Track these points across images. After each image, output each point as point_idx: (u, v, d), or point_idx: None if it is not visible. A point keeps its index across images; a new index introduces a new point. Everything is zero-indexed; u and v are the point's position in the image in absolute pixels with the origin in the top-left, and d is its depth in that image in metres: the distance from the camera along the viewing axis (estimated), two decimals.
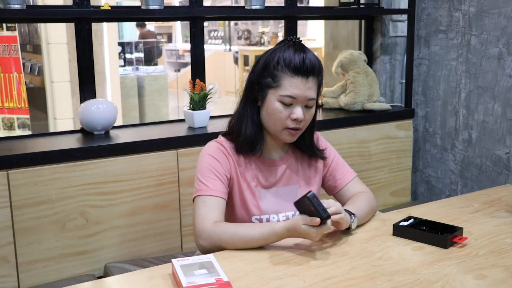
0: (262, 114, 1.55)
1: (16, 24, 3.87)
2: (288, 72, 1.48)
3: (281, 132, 1.53)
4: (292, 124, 1.51)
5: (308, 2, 6.78)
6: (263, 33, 9.95)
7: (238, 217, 1.59)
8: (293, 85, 1.48)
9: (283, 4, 2.76)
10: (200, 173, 1.54)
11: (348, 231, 1.52)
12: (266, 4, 2.51)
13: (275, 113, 1.50)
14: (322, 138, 1.74)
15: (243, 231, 1.42)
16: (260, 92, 1.53)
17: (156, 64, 7.18)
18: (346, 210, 1.50)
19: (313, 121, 1.60)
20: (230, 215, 1.60)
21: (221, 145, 1.58)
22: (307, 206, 1.34)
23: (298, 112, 1.49)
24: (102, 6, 2.27)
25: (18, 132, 3.85)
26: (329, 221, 1.36)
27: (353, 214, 1.52)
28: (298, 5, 2.79)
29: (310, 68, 1.48)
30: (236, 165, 1.57)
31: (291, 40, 1.53)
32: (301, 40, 1.54)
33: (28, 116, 3.92)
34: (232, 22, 9.81)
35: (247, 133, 1.55)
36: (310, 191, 1.33)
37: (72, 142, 2.11)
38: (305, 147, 1.64)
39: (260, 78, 1.52)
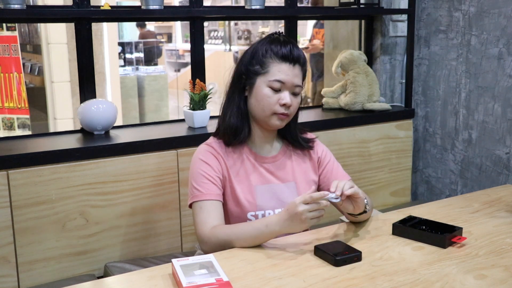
0: (250, 102, 1.60)
1: (16, 24, 3.87)
2: (276, 59, 1.55)
3: (270, 117, 1.57)
4: (281, 110, 1.56)
5: (308, 2, 6.77)
6: (263, 33, 9.93)
7: (234, 214, 1.61)
8: (281, 71, 1.55)
9: (283, 4, 2.76)
10: (193, 178, 1.58)
11: (361, 215, 1.55)
12: (266, 4, 2.51)
13: (264, 98, 1.56)
14: (319, 142, 1.77)
15: (238, 229, 1.44)
16: (248, 80, 1.59)
17: (156, 64, 7.19)
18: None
19: (297, 112, 1.66)
20: (226, 213, 1.62)
21: (210, 147, 1.62)
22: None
23: (286, 97, 1.56)
24: (102, 6, 2.27)
25: (18, 132, 3.85)
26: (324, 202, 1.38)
27: (365, 199, 1.55)
28: (298, 5, 2.79)
29: (296, 56, 1.56)
30: (226, 164, 1.60)
31: (277, 34, 1.61)
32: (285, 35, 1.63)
33: (28, 116, 3.93)
34: (232, 22, 9.81)
35: (231, 120, 1.60)
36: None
37: (72, 142, 2.11)
38: (291, 138, 1.68)
39: (249, 66, 1.58)
